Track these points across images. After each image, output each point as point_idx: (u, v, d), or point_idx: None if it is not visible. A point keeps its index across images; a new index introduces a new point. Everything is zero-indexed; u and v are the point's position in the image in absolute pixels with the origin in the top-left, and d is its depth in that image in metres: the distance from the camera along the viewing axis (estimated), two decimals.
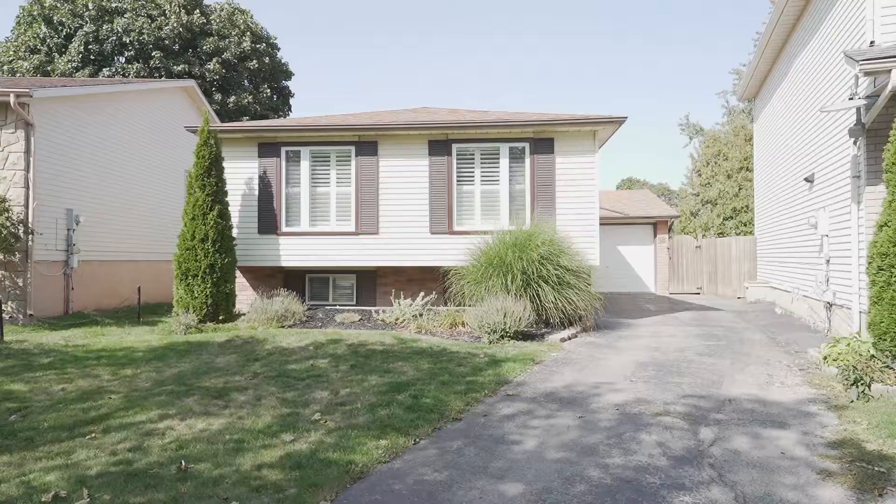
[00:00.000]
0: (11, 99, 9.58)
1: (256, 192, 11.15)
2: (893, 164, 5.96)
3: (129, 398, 5.59)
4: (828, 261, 8.58)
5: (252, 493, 3.55)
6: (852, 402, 5.27)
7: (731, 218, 26.50)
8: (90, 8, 23.24)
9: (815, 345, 7.70)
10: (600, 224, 17.89)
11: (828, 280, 8.57)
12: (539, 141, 10.53)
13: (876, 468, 3.88)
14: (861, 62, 5.96)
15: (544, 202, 10.49)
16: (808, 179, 9.55)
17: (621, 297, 16.39)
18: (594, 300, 9.65)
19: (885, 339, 5.79)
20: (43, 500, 3.40)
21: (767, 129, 13.87)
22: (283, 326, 9.56)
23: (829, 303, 8.56)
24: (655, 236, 18.04)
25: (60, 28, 23.50)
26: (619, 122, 10.08)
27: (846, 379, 5.50)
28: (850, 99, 6.93)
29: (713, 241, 17.75)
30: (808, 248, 9.87)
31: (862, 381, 5.31)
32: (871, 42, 6.62)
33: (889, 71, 5.85)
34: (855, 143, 7.13)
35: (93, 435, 4.57)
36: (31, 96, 9.73)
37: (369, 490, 3.67)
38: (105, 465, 3.97)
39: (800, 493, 3.58)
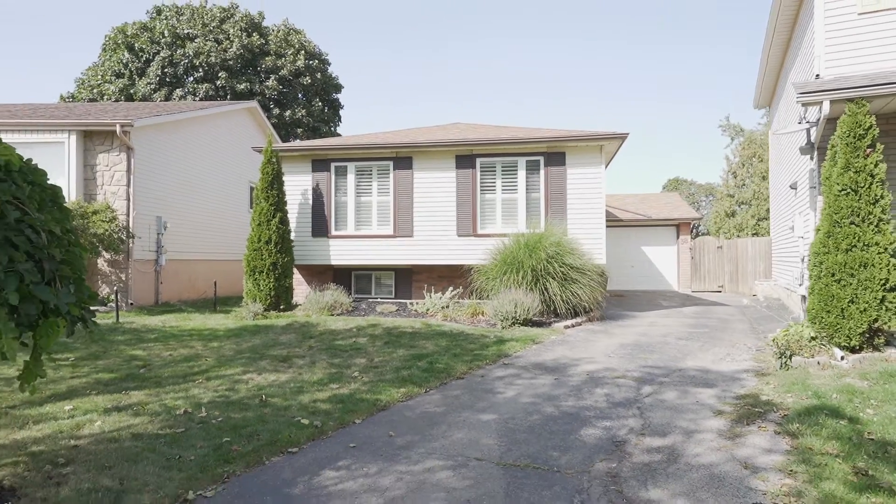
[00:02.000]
0: (118, 128, 11.86)
1: (310, 201, 13.09)
2: (827, 178, 7.20)
3: (218, 360, 7.50)
4: (802, 259, 9.69)
5: (310, 414, 5.28)
6: (776, 371, 6.58)
7: (766, 219, 26.91)
8: (166, 35, 26.12)
9: None
10: (625, 226, 19.19)
11: (802, 276, 9.69)
12: (552, 154, 12.00)
13: (758, 410, 5.26)
14: (799, 94, 7.20)
15: (557, 208, 11.95)
16: (793, 186, 10.64)
17: (642, 294, 17.56)
18: (598, 294, 11.03)
19: (815, 323, 7.04)
20: (177, 413, 5.25)
21: (775, 137, 14.80)
22: (332, 314, 11.40)
23: (803, 296, 9.68)
24: (678, 237, 19.06)
25: (140, 54, 26.49)
26: (621, 137, 11.44)
27: (776, 354, 6.80)
28: (799, 123, 8.11)
29: (734, 241, 18.62)
30: (794, 248, 10.94)
31: (784, 355, 6.60)
32: (817, 75, 7.79)
33: (821, 102, 7.06)
34: (811, 158, 8.29)
35: (198, 381, 6.45)
36: (133, 125, 11.98)
37: (389, 415, 5.34)
38: (211, 397, 5.80)
39: (692, 423, 5.02)
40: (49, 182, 3.70)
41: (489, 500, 3.56)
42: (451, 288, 12.29)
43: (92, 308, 3.72)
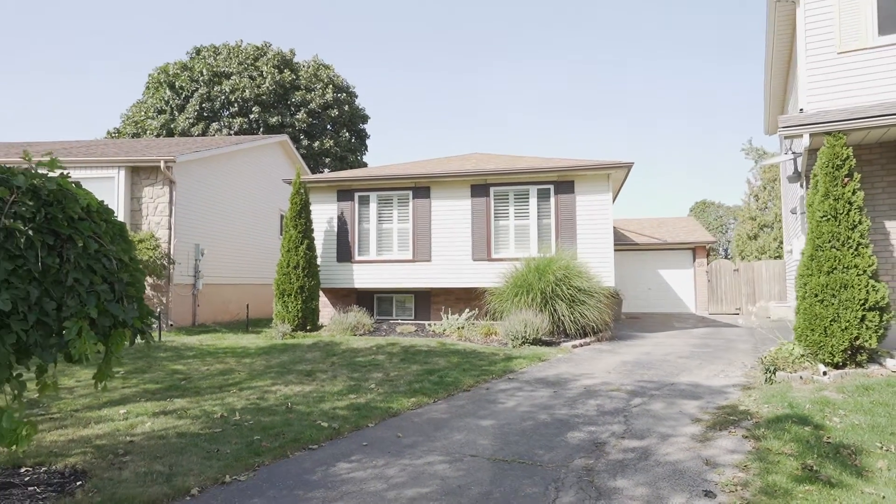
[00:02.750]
0: (162, 164, 13.02)
1: (335, 228, 14.00)
2: (810, 205, 7.71)
3: (250, 374, 8.30)
4: None
5: (329, 419, 5.99)
6: (761, 385, 7.05)
7: None
8: (204, 73, 27.87)
9: None
10: (642, 250, 19.63)
11: None
12: (561, 183, 12.68)
13: (733, 418, 5.77)
14: (781, 127, 7.77)
15: (567, 234, 12.58)
16: (792, 211, 11.07)
17: (658, 316, 17.90)
18: (606, 315, 11.55)
19: (801, 341, 7.49)
20: (214, 417, 6.02)
21: (782, 164, 15.21)
22: (354, 335, 12.16)
23: None
24: (695, 260, 19.39)
25: (181, 91, 28.28)
26: (627, 166, 12.07)
27: (762, 370, 7.27)
28: (785, 153, 8.64)
29: (750, 264, 18.86)
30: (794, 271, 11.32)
31: (769, 370, 7.07)
32: (801, 109, 8.34)
33: (801, 135, 7.62)
34: (801, 186, 8.79)
35: (232, 391, 7.24)
36: (175, 161, 13.14)
37: (399, 421, 6.02)
38: (244, 404, 6.57)
39: (670, 429, 5.56)
40: (117, 219, 4.57)
41: (476, 486, 4.19)
42: (467, 310, 12.95)
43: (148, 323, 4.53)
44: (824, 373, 7.01)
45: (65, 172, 4.25)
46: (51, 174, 4.15)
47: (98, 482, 4.20)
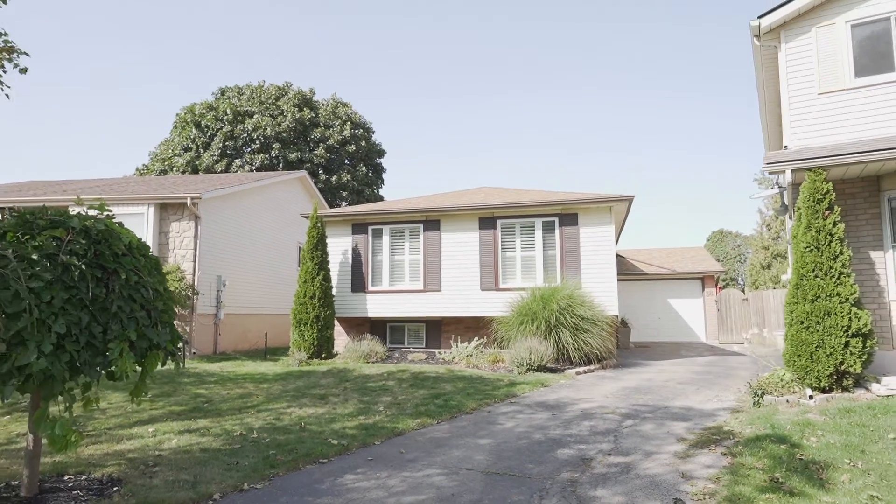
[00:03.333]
0: (188, 201, 13.88)
1: (350, 260, 14.65)
2: (795, 236, 8.14)
3: (267, 398, 8.83)
4: None
5: (339, 437, 6.48)
6: (750, 408, 7.38)
7: None
8: (228, 113, 29.24)
9: None
10: (651, 279, 19.96)
11: None
12: (565, 216, 13.21)
13: (716, 437, 6.14)
14: (765, 164, 8.26)
15: (571, 264, 13.05)
16: (789, 242, 11.42)
17: (667, 344, 18.11)
18: (609, 342, 11.92)
19: (790, 366, 7.83)
20: (234, 434, 6.55)
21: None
22: (367, 362, 12.66)
23: None
24: (704, 290, 19.63)
25: (206, 130, 29.65)
26: (628, 199, 12.58)
27: (752, 394, 7.61)
28: (772, 188, 9.09)
29: (759, 293, 19.04)
30: None
31: (757, 394, 7.41)
32: (785, 146, 8.83)
33: (784, 171, 8.09)
34: (789, 218, 9.21)
35: (251, 413, 7.77)
36: (201, 198, 13.99)
37: (403, 439, 6.48)
38: (261, 424, 7.09)
39: (655, 447, 5.95)
40: (152, 254, 5.22)
41: (468, 494, 4.64)
42: (476, 338, 13.40)
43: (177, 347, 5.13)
44: (810, 397, 7.33)
45: (110, 214, 4.94)
46: (99, 215, 4.83)
47: (132, 488, 4.74)
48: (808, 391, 7.46)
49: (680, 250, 22.11)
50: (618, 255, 21.99)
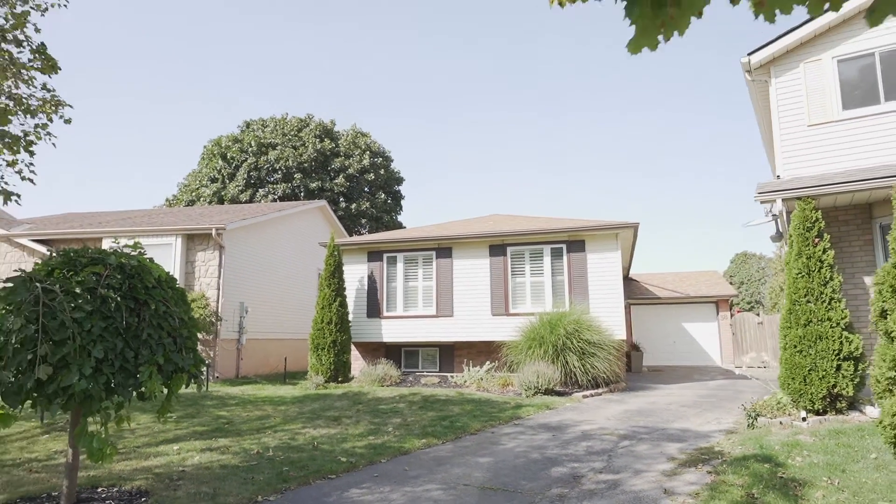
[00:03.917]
0: (213, 231, 14.65)
1: (366, 287, 15.21)
2: (787, 263, 8.43)
3: (284, 419, 9.32)
4: None
5: (348, 455, 6.92)
6: (744, 430, 7.62)
7: None
8: (252, 145, 30.44)
9: None
10: (665, 303, 20.09)
11: None
12: (573, 242, 13.62)
13: (705, 457, 6.42)
14: (757, 193, 8.61)
15: (579, 289, 13.40)
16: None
17: (681, 368, 18.17)
18: (616, 366, 12.17)
19: (784, 389, 8.06)
20: (251, 453, 7.04)
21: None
22: (382, 386, 13.09)
23: None
24: (718, 313, 19.69)
25: (231, 161, 30.88)
26: (633, 226, 12.94)
27: (746, 416, 7.85)
28: (765, 216, 9.41)
29: (773, 317, 19.03)
30: None
31: (751, 416, 7.65)
32: (777, 176, 9.16)
33: (775, 200, 8.44)
34: (785, 244, 9.49)
35: (268, 433, 8.26)
36: (225, 229, 14.75)
37: (408, 458, 6.89)
38: (276, 443, 7.57)
39: (645, 466, 6.26)
40: (178, 285, 5.81)
41: None
42: (487, 362, 13.76)
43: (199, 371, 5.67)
44: (804, 419, 7.55)
45: (142, 251, 5.56)
46: (132, 252, 5.45)
47: (158, 499, 5.24)
48: (803, 413, 7.67)
49: (694, 274, 22.21)
50: (631, 279, 22.19)
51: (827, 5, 1.72)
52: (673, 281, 21.63)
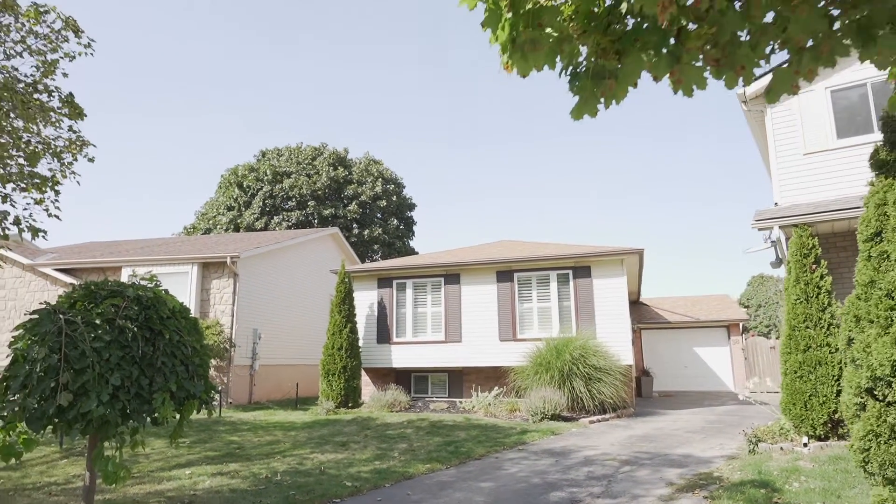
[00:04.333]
0: (228, 260, 15.09)
1: (376, 313, 15.47)
2: (786, 289, 8.56)
3: (293, 444, 9.53)
4: None
5: (354, 480, 7.11)
6: (745, 455, 7.67)
7: None
8: (268, 174, 31.21)
9: None
10: (675, 328, 20.05)
11: None
12: (579, 268, 13.80)
13: (703, 482, 6.51)
14: (754, 221, 8.79)
15: (586, 315, 13.54)
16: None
17: (693, 394, 18.06)
18: (623, 391, 12.23)
19: (786, 415, 8.11)
20: (260, 477, 7.26)
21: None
22: (391, 411, 13.25)
23: None
24: (730, 338, 19.60)
25: (247, 190, 31.63)
26: (638, 252, 13.11)
27: (748, 442, 7.91)
28: (764, 242, 9.54)
29: None
30: None
31: (752, 442, 7.71)
32: (775, 203, 9.33)
33: (772, 228, 8.60)
34: (785, 271, 9.60)
35: (277, 458, 8.48)
36: (240, 257, 15.18)
37: (412, 482, 7.06)
38: (285, 468, 7.78)
39: (644, 491, 6.37)
40: (191, 315, 6.13)
41: None
42: (496, 388, 13.87)
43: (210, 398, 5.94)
44: (805, 444, 7.59)
45: (158, 283, 5.90)
46: (148, 284, 5.79)
47: None
48: (804, 439, 7.72)
49: (705, 298, 22.15)
50: (641, 304, 22.19)
51: (741, 80, 1.98)
52: (684, 305, 21.59)
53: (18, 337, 4.86)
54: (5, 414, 4.64)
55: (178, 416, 5.64)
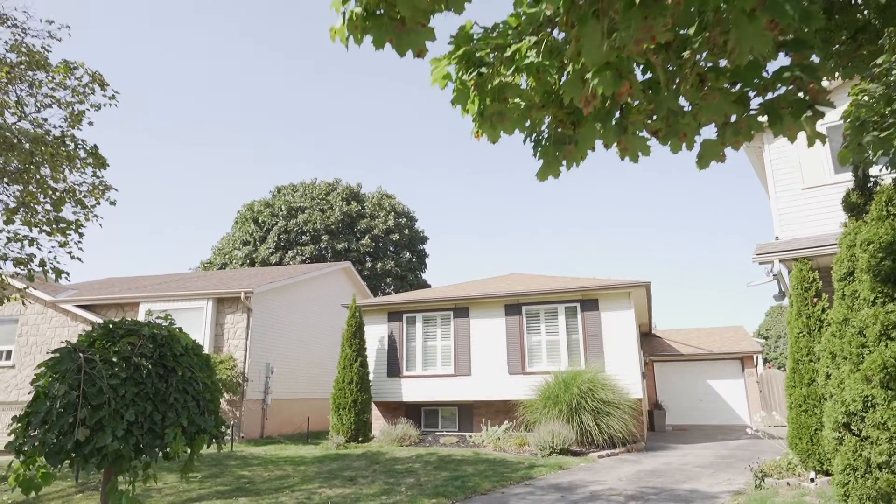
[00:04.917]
0: (242, 295, 15.44)
1: (386, 346, 15.64)
2: (789, 322, 8.62)
3: (302, 479, 9.64)
4: None
5: None
6: (751, 491, 7.64)
7: None
8: (283, 209, 31.88)
9: None
10: (689, 360, 19.91)
11: None
12: (587, 301, 13.91)
13: None
14: (755, 255, 8.91)
15: (594, 348, 13.58)
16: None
17: (707, 428, 17.80)
18: (632, 425, 12.17)
19: (793, 449, 8.08)
20: None
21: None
22: (401, 445, 13.29)
23: None
24: (744, 370, 19.39)
25: (263, 225, 32.30)
26: (645, 285, 13.21)
27: (754, 477, 7.88)
28: (766, 275, 9.63)
29: None
30: None
31: (758, 477, 7.68)
32: (776, 237, 9.46)
33: (773, 262, 8.72)
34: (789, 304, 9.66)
35: (286, 492, 8.59)
36: (254, 292, 15.52)
37: None
38: (294, 502, 7.90)
39: None
40: (204, 351, 6.39)
41: None
42: (506, 421, 13.87)
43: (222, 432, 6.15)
44: (812, 479, 7.55)
45: (172, 321, 6.18)
46: (163, 323, 6.08)
47: None
48: (811, 474, 7.67)
49: (718, 330, 21.98)
50: (654, 336, 22.07)
51: (683, 145, 2.23)
52: (697, 337, 21.44)
53: (40, 374, 5.14)
54: (26, 449, 4.89)
55: (189, 451, 5.86)
